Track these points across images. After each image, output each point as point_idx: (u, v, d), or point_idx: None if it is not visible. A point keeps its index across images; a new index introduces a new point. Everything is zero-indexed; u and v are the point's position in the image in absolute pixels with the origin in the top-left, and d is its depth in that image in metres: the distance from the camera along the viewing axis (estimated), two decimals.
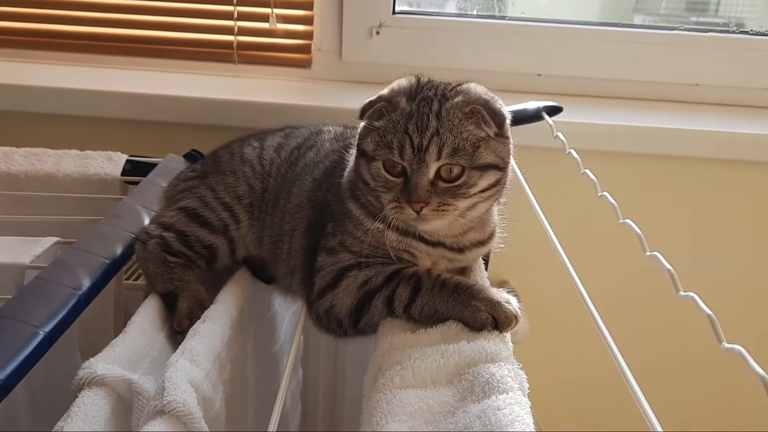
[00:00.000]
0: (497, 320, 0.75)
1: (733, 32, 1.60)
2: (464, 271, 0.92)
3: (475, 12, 1.67)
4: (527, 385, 0.65)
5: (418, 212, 0.79)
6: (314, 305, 0.89)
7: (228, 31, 1.64)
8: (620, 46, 1.61)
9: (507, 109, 0.87)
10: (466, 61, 1.62)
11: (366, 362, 1.35)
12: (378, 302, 0.82)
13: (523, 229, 0.98)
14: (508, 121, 0.85)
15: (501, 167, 0.83)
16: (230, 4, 1.62)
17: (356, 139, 0.87)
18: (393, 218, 0.82)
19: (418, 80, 0.86)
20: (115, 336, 1.19)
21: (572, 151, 1.12)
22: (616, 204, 0.92)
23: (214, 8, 1.64)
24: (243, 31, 1.64)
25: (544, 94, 1.58)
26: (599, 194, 0.98)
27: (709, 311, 0.67)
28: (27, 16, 1.68)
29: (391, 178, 0.82)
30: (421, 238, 0.87)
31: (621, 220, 0.89)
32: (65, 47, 1.68)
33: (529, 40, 1.62)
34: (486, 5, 1.68)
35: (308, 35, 1.65)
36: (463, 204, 0.81)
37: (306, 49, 1.66)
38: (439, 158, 0.79)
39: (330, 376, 1.41)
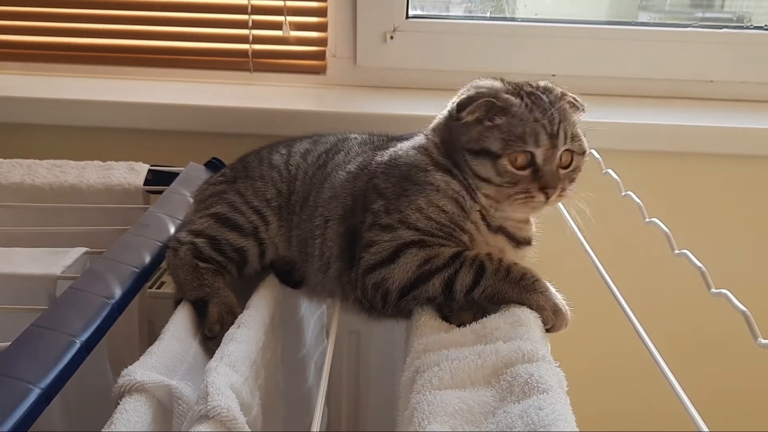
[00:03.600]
0: (553, 324, 0.79)
1: (748, 28, 1.61)
2: None
3: (488, 14, 1.68)
4: (566, 383, 0.65)
5: (547, 199, 0.86)
6: (361, 280, 0.88)
7: (243, 39, 1.66)
8: (634, 44, 1.61)
9: None
10: (481, 63, 1.63)
11: (388, 366, 1.37)
12: (436, 282, 0.83)
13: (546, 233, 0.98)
14: None
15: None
16: (245, 13, 1.64)
17: (462, 139, 0.89)
18: (518, 204, 0.87)
19: (502, 80, 0.92)
20: (140, 344, 1.22)
21: (593, 151, 1.12)
22: (641, 203, 0.93)
23: (228, 18, 1.66)
24: (258, 40, 1.66)
25: None
26: (623, 194, 0.98)
27: (743, 307, 0.68)
28: (45, 30, 1.70)
29: (518, 172, 0.86)
30: (489, 226, 0.90)
31: (647, 219, 0.90)
32: (82, 60, 1.71)
33: (543, 41, 1.63)
34: (498, 7, 1.69)
35: (322, 42, 1.66)
36: (571, 189, 0.88)
37: (320, 56, 1.67)
38: (565, 142, 0.86)
39: (353, 379, 1.42)
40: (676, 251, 0.80)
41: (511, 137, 0.85)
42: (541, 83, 0.92)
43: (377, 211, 0.91)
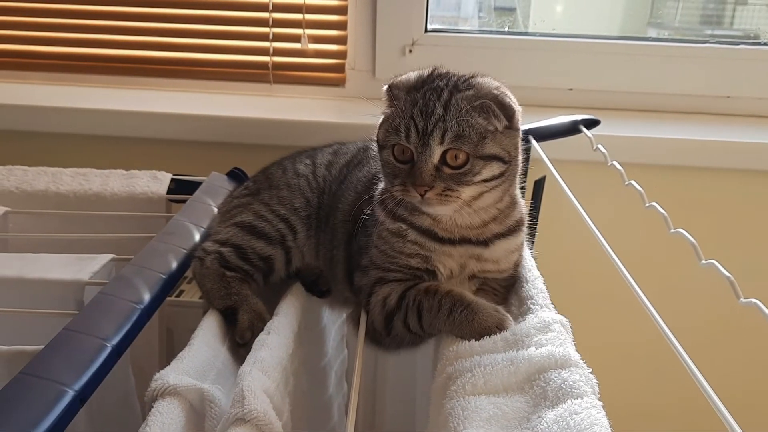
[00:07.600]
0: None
1: (764, 44, 1.62)
2: (509, 281, 0.93)
3: (506, 29, 1.70)
4: (598, 389, 0.66)
5: (422, 195, 0.82)
6: (368, 324, 0.92)
7: (263, 52, 1.68)
8: (650, 59, 1.63)
9: (516, 103, 0.88)
10: (499, 77, 1.63)
11: (407, 378, 1.37)
12: (398, 323, 0.87)
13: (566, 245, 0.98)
14: (518, 114, 0.87)
15: (506, 160, 0.85)
16: (265, 26, 1.66)
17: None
18: (400, 199, 0.85)
19: (432, 71, 0.90)
20: (159, 351, 1.23)
21: (615, 163, 1.13)
22: (666, 214, 0.93)
23: (249, 30, 1.68)
24: (278, 52, 1.68)
25: (576, 108, 1.60)
26: (647, 205, 0.99)
27: None
28: (69, 41, 1.73)
29: (398, 164, 0.85)
30: (442, 239, 0.88)
31: (672, 230, 0.90)
32: (106, 70, 1.74)
33: (559, 56, 1.64)
34: (514, 22, 1.71)
35: (342, 55, 1.68)
36: (467, 192, 0.83)
37: (340, 69, 1.69)
38: (442, 143, 0.81)
39: (369, 390, 1.42)
40: (703, 261, 0.80)
41: (390, 129, 0.85)
42: (475, 80, 0.88)
43: (361, 248, 0.94)
